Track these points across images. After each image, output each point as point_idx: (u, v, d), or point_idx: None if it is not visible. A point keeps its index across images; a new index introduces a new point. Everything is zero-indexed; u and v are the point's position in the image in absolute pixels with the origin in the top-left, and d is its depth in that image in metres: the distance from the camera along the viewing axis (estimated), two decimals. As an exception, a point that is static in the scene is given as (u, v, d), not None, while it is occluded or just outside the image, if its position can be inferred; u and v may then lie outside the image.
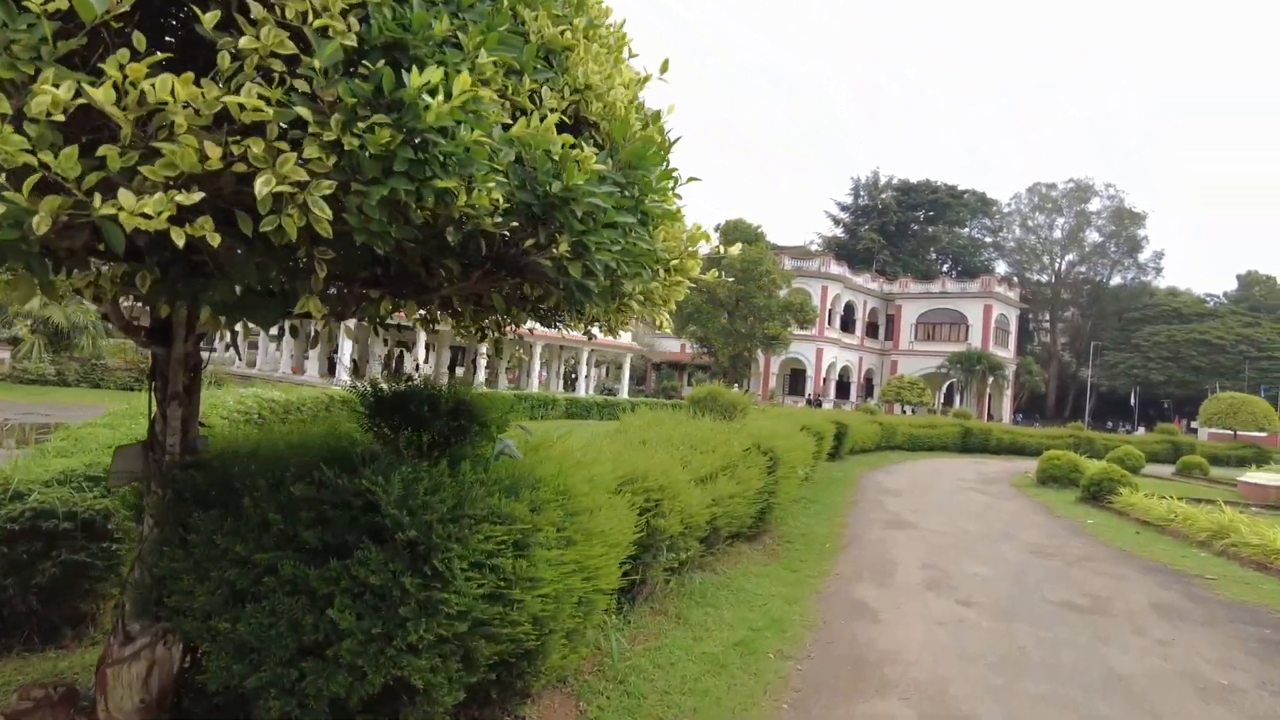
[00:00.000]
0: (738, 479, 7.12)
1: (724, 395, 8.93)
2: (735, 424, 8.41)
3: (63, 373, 24.69)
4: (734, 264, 47.34)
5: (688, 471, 6.30)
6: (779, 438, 8.57)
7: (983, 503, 14.55)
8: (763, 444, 8.04)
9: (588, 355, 41.13)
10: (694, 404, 9.01)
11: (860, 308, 64.89)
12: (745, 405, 9.05)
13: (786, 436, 9.68)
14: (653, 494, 5.13)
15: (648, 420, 7.96)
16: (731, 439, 7.68)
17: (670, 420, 8.08)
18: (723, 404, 8.86)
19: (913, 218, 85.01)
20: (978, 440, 30.57)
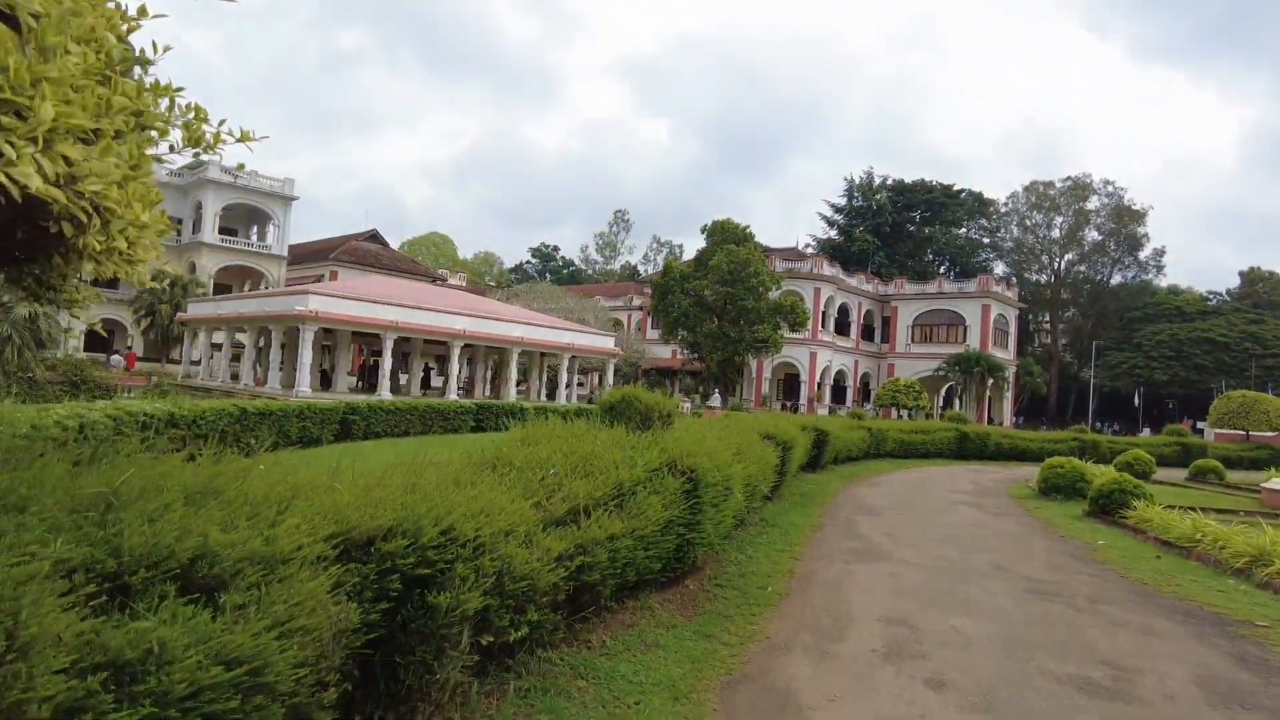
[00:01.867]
0: (631, 511, 5.27)
1: (641, 400, 7.06)
2: (650, 436, 6.55)
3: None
4: (722, 265, 45.62)
5: (542, 510, 4.46)
6: (706, 453, 6.70)
7: (975, 521, 12.63)
8: (680, 462, 6.18)
9: (568, 362, 39.32)
10: (606, 411, 7.16)
11: (855, 310, 63.09)
12: (669, 410, 7.18)
13: (727, 449, 7.83)
14: (430, 553, 3.28)
15: (532, 434, 6.13)
16: (636, 456, 5.83)
17: (563, 433, 6.25)
18: (639, 410, 6.99)
19: (908, 218, 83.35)
20: (975, 445, 28.67)
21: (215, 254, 55.95)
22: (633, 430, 6.73)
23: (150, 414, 10.93)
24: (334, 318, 30.70)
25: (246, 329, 35.41)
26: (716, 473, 6.54)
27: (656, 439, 6.44)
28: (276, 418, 15.75)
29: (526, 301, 56.47)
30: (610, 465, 5.48)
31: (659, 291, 49.69)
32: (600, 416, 7.17)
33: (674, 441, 6.53)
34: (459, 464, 4.87)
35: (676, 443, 6.53)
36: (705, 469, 6.28)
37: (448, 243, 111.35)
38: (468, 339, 34.13)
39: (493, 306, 42.08)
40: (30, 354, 23.70)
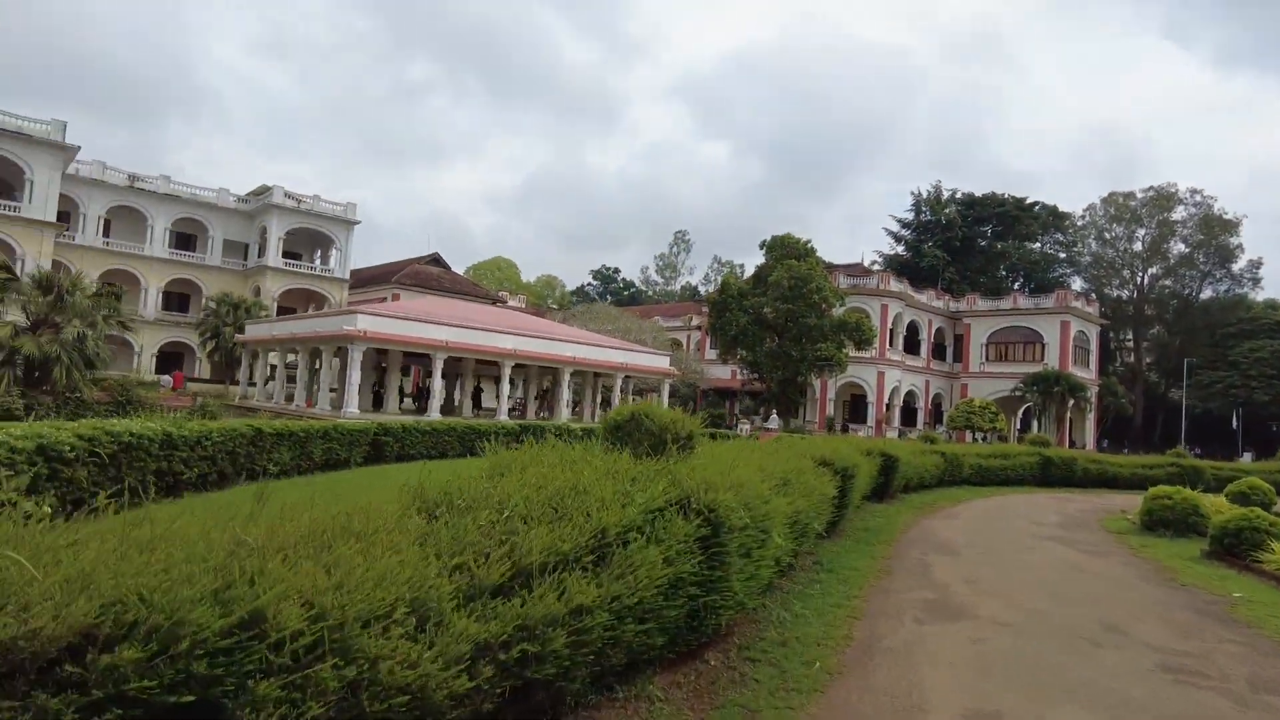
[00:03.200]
0: (616, 570, 3.84)
1: (653, 418, 5.62)
2: (660, 463, 5.12)
3: (32, 406, 22.79)
4: (782, 281, 43.90)
5: (465, 576, 3.09)
6: (735, 485, 5.23)
7: (1071, 562, 10.74)
8: (696, 498, 4.74)
9: (622, 382, 38.05)
10: (611, 433, 5.76)
11: (925, 327, 60.37)
12: (688, 431, 5.73)
13: (766, 480, 6.34)
14: (201, 663, 1.92)
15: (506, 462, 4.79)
16: (634, 492, 4.41)
17: (551, 460, 4.89)
18: (649, 430, 5.57)
19: (978, 233, 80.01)
20: (1059, 471, 26.22)
21: (279, 277, 56.70)
22: (642, 456, 5.32)
23: (138, 434, 9.97)
24: (382, 337, 30.12)
25: (299, 350, 35.22)
26: (745, 512, 5.05)
27: (666, 468, 5.00)
28: (298, 439, 14.78)
29: (583, 322, 55.59)
30: (594, 504, 4.08)
31: (716, 309, 48.17)
32: (603, 439, 5.78)
33: (691, 471, 5.08)
34: (383, 505, 3.54)
35: (695, 472, 5.08)
36: (728, 507, 4.80)
37: (511, 267, 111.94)
38: (518, 358, 33.19)
39: (544, 326, 41.19)
40: (79, 374, 23.52)
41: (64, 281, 23.74)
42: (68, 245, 50.14)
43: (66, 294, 23.38)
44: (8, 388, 22.58)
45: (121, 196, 53.36)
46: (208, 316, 49.13)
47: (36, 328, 23.38)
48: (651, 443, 5.52)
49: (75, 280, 24.44)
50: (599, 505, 4.10)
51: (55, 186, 46.50)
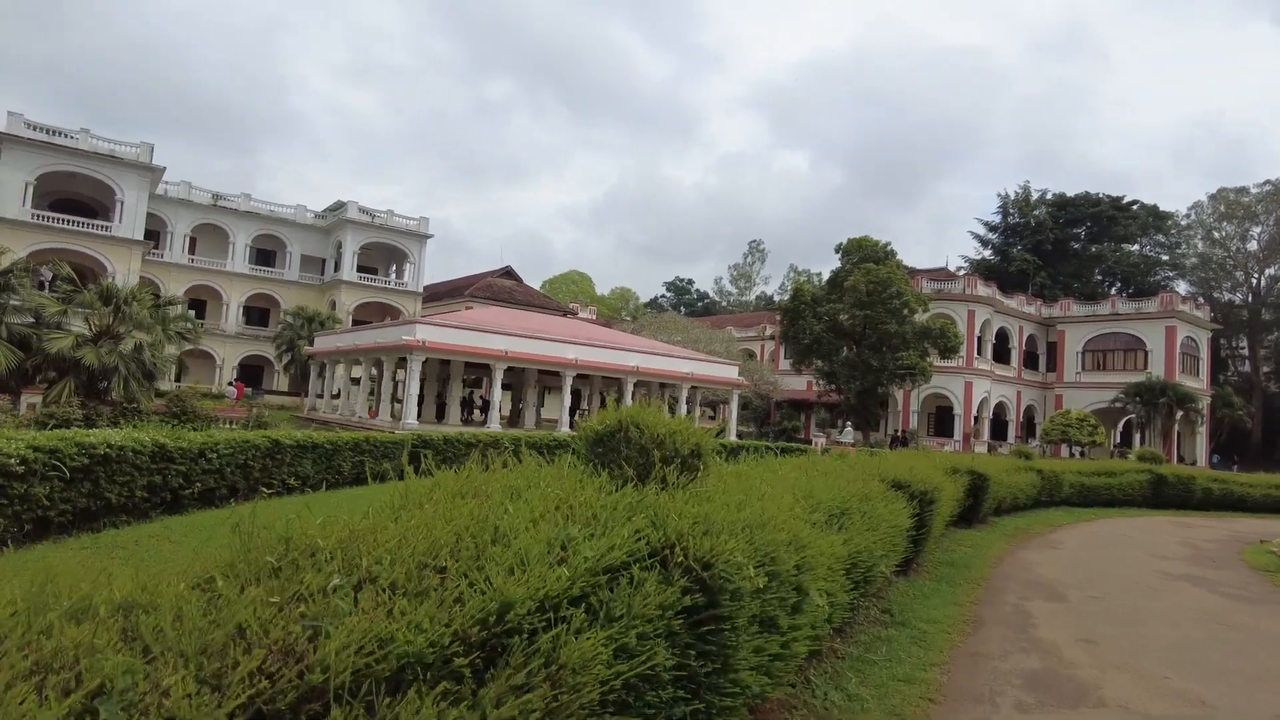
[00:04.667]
0: (523, 674, 2.36)
1: (645, 427, 4.13)
2: (645, 493, 3.62)
3: (91, 417, 22.76)
4: (859, 286, 41.64)
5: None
6: (753, 524, 3.70)
7: (1215, 614, 8.57)
8: (686, 548, 3.20)
9: (687, 393, 36.47)
10: (593, 448, 4.29)
11: (1015, 334, 56.78)
12: (691, 447, 4.21)
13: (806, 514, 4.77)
14: None
15: (419, 492, 3.41)
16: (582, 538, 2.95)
17: (490, 486, 3.49)
18: (637, 444, 4.08)
19: (1071, 235, 75.32)
20: (1175, 491, 23.34)
21: (354, 291, 57.35)
22: (628, 480, 3.86)
23: (118, 446, 9.03)
24: (441, 347, 29.43)
25: (363, 361, 34.95)
26: (762, 567, 3.48)
27: (648, 500, 3.51)
28: (324, 452, 13.79)
29: (652, 332, 54.23)
30: (511, 560, 2.64)
31: (788, 316, 46.11)
32: (585, 456, 4.32)
33: (685, 505, 3.56)
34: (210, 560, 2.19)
35: (690, 507, 3.56)
36: (733, 562, 3.25)
37: (586, 280, 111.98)
38: (579, 368, 32.04)
39: (607, 335, 39.97)
40: (136, 384, 23.41)
41: (122, 293, 23.69)
42: (156, 262, 51.74)
43: (125, 305, 23.30)
44: (68, 397, 22.56)
45: (205, 214, 54.89)
46: (284, 330, 49.92)
47: (98, 339, 23.38)
48: (642, 462, 4.04)
49: (134, 292, 24.42)
50: (516, 563, 2.65)
51: (143, 206, 47.96)
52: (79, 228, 45.47)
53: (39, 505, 7.86)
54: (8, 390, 23.39)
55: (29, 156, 44.35)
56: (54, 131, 45.59)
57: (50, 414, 22.33)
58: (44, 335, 22.93)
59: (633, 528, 3.14)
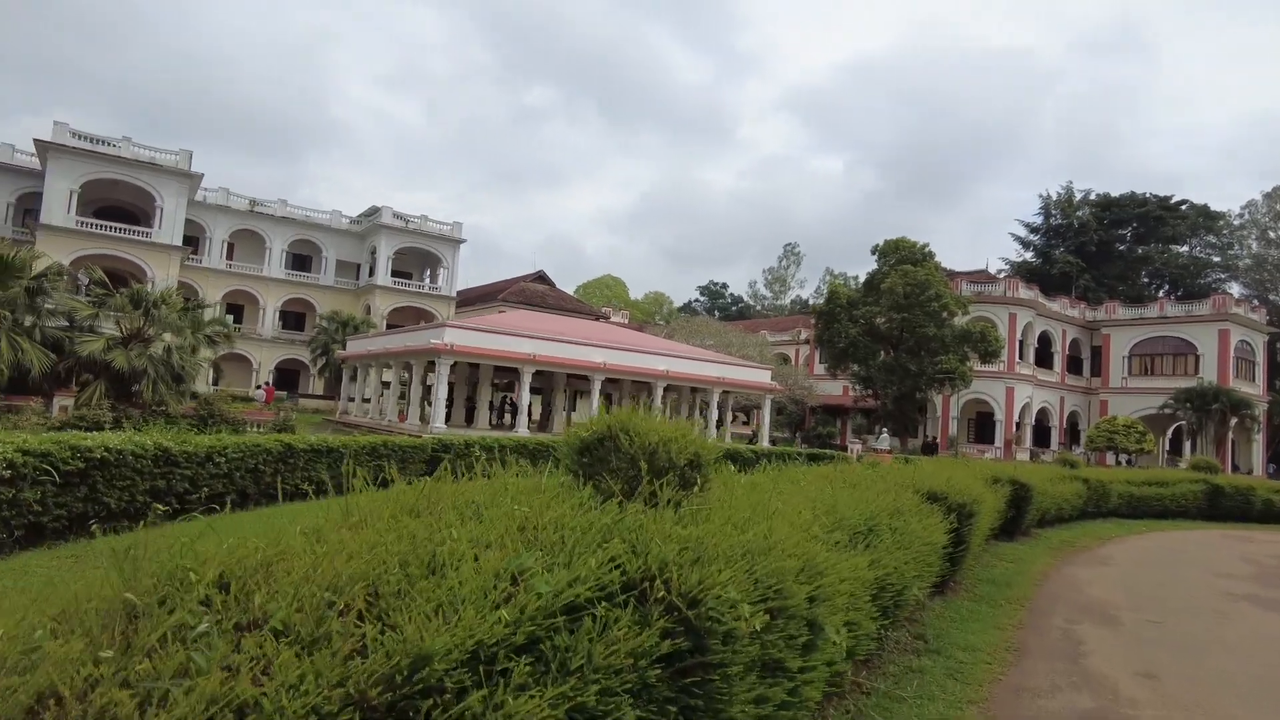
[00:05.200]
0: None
1: (636, 434, 3.61)
2: (627, 512, 3.10)
3: (120, 419, 22.85)
4: (896, 288, 40.66)
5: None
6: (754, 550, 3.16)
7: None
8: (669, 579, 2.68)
9: (718, 397, 35.82)
10: (578, 458, 3.78)
11: (1058, 338, 55.16)
12: (690, 456, 3.68)
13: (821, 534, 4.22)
14: None
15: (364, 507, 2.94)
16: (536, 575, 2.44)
17: (446, 502, 3.01)
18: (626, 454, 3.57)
19: (1117, 236, 73.09)
20: (1233, 503, 22.12)
21: (388, 295, 57.70)
22: (616, 494, 3.35)
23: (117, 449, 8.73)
24: (469, 351, 29.18)
25: (393, 364, 34.90)
26: (750, 611, 2.92)
27: (626, 521, 2.99)
28: (338, 456, 13.47)
29: (684, 336, 53.65)
30: (441, 597, 2.16)
31: (823, 320, 45.22)
32: (569, 466, 3.82)
33: (676, 525, 3.05)
34: None
35: (683, 527, 3.05)
36: (725, 599, 2.71)
37: (619, 284, 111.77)
38: (607, 372, 31.59)
39: (637, 339, 39.49)
40: (165, 387, 23.46)
41: (150, 296, 23.79)
42: (194, 268, 52.49)
43: (154, 308, 23.38)
44: (98, 400, 22.68)
45: (243, 220, 55.61)
46: (318, 334, 50.31)
47: (128, 342, 23.48)
48: (632, 474, 3.52)
49: (164, 295, 24.54)
50: (447, 601, 2.16)
51: (182, 212, 48.68)
52: (120, 234, 46.29)
53: (30, 511, 7.58)
54: (41, 392, 23.59)
55: (74, 165, 45.26)
56: (97, 140, 46.49)
57: (80, 416, 22.45)
58: (76, 338, 23.09)
59: (606, 555, 2.63)
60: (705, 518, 3.31)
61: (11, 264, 22.80)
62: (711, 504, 3.64)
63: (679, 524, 3.10)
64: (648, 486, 3.36)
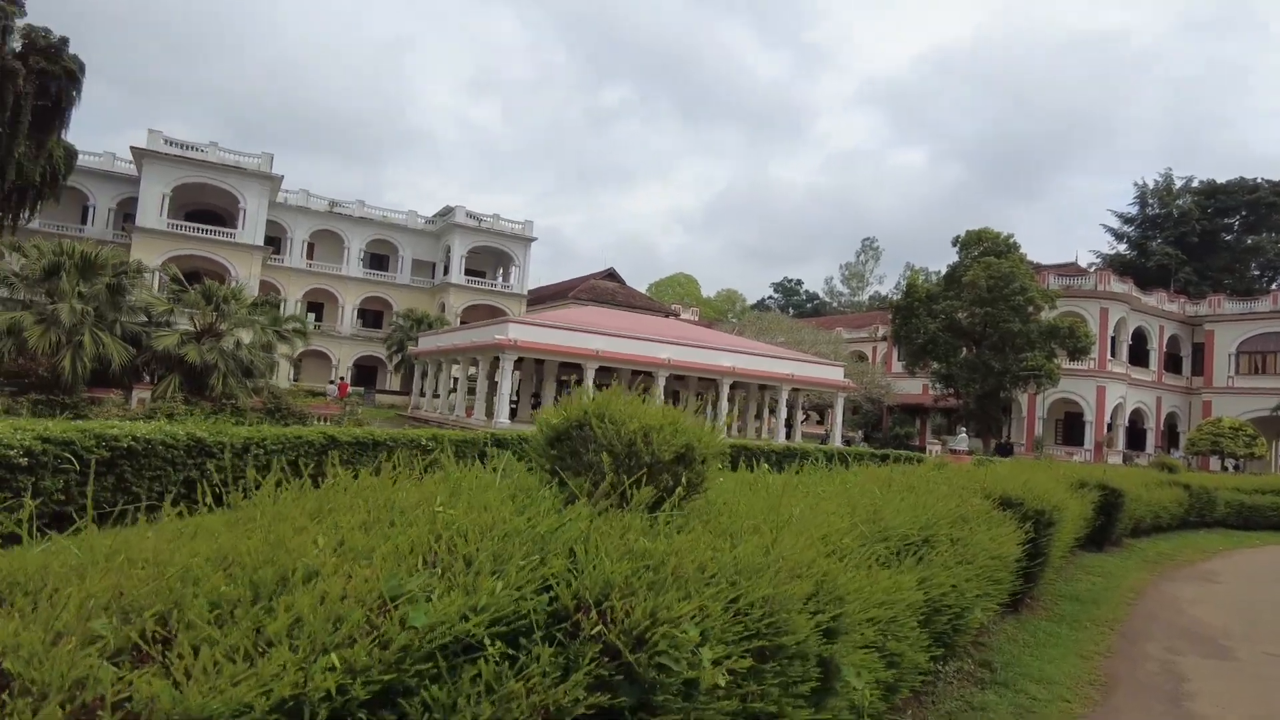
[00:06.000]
0: None
1: (617, 421, 2.97)
2: (578, 519, 2.46)
3: (191, 412, 23.43)
4: (978, 281, 38.79)
5: None
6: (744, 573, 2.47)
7: None
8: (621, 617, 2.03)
9: (787, 395, 34.76)
10: (550, 448, 3.17)
11: (1154, 335, 51.86)
12: (681, 449, 3.00)
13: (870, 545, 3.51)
14: None
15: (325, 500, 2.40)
16: (415, 605, 1.83)
17: (359, 502, 2.44)
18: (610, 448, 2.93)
19: (1222, 225, 68.29)
20: (1362, 514, 19.98)
21: (461, 293, 58.40)
22: (590, 494, 2.73)
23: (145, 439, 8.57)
24: (532, 346, 29.01)
25: (460, 360, 35.09)
26: (711, 656, 2.22)
27: (569, 531, 2.36)
28: (386, 449, 13.21)
29: (755, 333, 52.56)
30: (237, 636, 1.56)
31: (901, 315, 43.54)
32: (539, 459, 3.21)
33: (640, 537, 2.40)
34: None
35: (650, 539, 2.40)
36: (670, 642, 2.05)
37: (691, 282, 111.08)
38: (673, 368, 30.98)
39: (703, 334, 38.70)
40: (234, 381, 23.96)
41: (220, 292, 24.32)
42: (276, 267, 54.13)
43: (223, 304, 23.88)
44: (172, 393, 23.28)
45: (322, 221, 57.08)
46: (394, 331, 51.33)
47: (201, 337, 24.06)
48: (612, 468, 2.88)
49: (234, 291, 25.07)
50: (279, 634, 1.57)
51: (263, 213, 50.23)
52: (206, 235, 48.06)
53: (53, 500, 7.44)
54: (121, 385, 24.37)
55: (166, 170, 47.20)
56: (187, 146, 48.40)
57: (155, 409, 23.11)
58: (152, 333, 23.78)
59: (528, 575, 2.01)
60: (689, 526, 2.65)
61: (95, 262, 23.64)
62: (706, 508, 2.97)
63: (650, 535, 2.45)
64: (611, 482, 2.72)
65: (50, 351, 22.11)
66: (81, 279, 23.26)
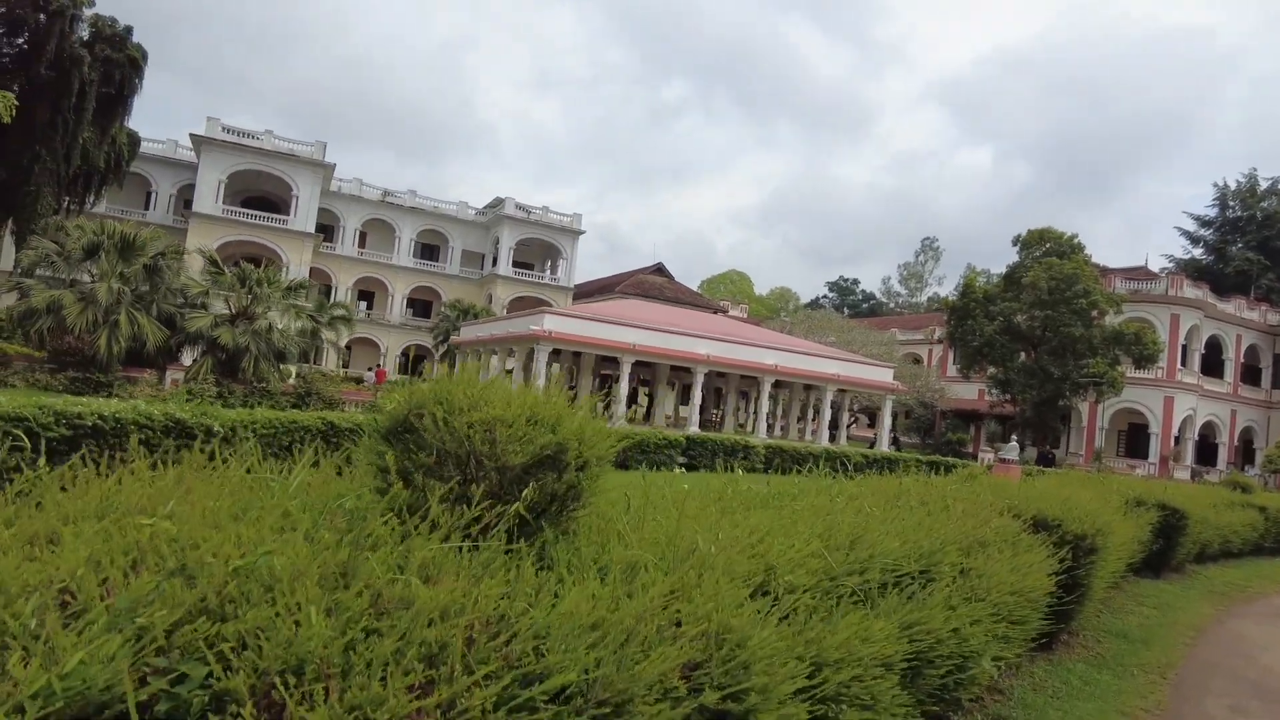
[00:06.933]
0: None
1: (459, 410, 2.20)
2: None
3: (224, 394, 23.41)
4: (1039, 282, 36.95)
5: None
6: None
7: None
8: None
9: (831, 396, 33.52)
10: (389, 441, 2.41)
11: (1231, 344, 48.94)
12: (561, 453, 2.22)
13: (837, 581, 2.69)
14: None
15: None
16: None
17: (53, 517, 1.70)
18: (446, 449, 2.17)
19: (1312, 229, 64.17)
20: None
21: (509, 285, 58.33)
22: (422, 504, 1.98)
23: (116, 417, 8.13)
24: (567, 338, 28.41)
25: (498, 351, 34.75)
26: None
27: (321, 558, 1.60)
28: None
29: (805, 331, 51.17)
30: None
31: (956, 316, 41.81)
32: (372, 460, 2.47)
33: (382, 577, 1.63)
34: None
35: (400, 583, 1.62)
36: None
37: (744, 279, 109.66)
38: (713, 365, 30.06)
39: (744, 330, 37.62)
40: (266, 365, 23.90)
41: (254, 275, 24.26)
42: (328, 255, 54.74)
43: (256, 287, 23.82)
44: (205, 375, 23.30)
45: (374, 210, 57.52)
46: (441, 321, 51.47)
47: (235, 320, 24.04)
48: (444, 475, 2.13)
49: (267, 274, 25.00)
50: None
51: (315, 200, 50.74)
52: (259, 221, 48.74)
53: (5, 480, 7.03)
54: (155, 366, 24.53)
55: (222, 157, 48.00)
56: (242, 134, 49.17)
57: (188, 390, 23.13)
58: (188, 314, 23.84)
59: (193, 636, 1.26)
60: (539, 559, 1.87)
61: (133, 243, 23.79)
62: (593, 532, 2.19)
63: (474, 573, 1.68)
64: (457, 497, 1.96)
65: (88, 330, 22.30)
66: (121, 259, 23.42)
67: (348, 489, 2.38)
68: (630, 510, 3.06)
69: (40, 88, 29.91)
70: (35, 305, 22.19)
